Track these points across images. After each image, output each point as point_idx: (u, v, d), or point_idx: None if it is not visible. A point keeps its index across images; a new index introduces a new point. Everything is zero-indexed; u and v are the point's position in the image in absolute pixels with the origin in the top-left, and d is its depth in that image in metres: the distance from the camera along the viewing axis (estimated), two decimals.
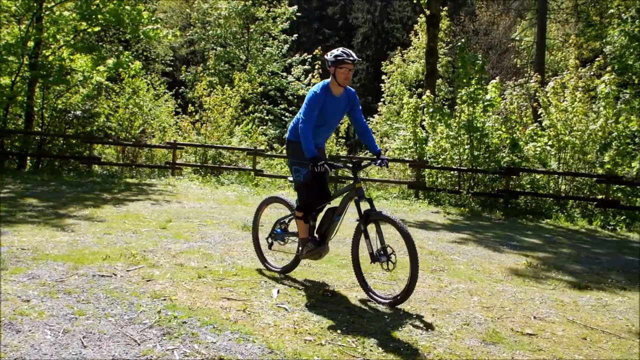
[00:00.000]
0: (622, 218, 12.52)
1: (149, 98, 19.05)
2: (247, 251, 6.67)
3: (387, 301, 4.91)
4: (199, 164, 16.86)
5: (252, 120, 19.46)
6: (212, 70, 25.07)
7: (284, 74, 27.36)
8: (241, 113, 19.09)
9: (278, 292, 5.06)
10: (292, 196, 11.63)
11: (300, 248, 5.39)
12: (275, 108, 25.91)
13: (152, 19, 16.56)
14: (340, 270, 6.07)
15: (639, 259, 8.42)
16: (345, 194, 5.31)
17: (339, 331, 4.18)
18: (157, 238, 7.11)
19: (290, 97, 26.32)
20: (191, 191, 12.78)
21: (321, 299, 4.97)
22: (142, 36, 16.65)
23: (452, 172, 14.72)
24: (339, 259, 6.62)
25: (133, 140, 17.96)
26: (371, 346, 3.95)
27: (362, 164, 5.41)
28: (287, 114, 25.55)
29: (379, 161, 5.28)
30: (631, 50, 20.67)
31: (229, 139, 17.70)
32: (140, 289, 4.87)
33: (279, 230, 5.88)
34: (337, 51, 5.12)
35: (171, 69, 33.62)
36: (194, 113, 18.55)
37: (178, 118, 20.41)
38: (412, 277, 4.74)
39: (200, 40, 29.14)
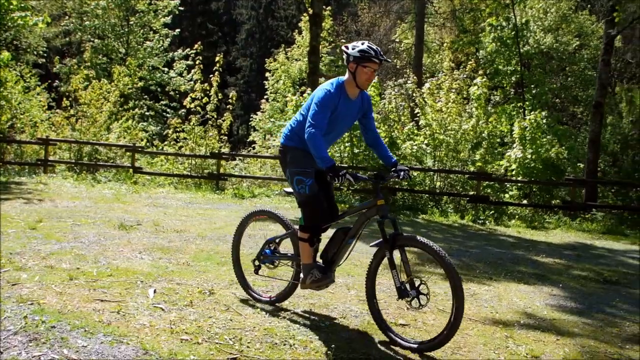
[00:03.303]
0: (491, 213, 13.32)
1: (18, 91, 17.93)
2: (122, 251, 6.46)
3: (415, 346, 4.08)
4: (73, 161, 16.10)
5: (131, 116, 18.84)
6: (89, 63, 23.97)
7: (166, 69, 26.69)
8: (120, 108, 18.45)
9: (154, 292, 4.94)
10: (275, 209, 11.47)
11: (301, 276, 4.52)
12: (157, 104, 25.24)
13: (22, 5, 15.57)
14: (220, 268, 6.03)
15: (506, 251, 8.99)
16: (361, 211, 4.43)
17: (216, 329, 4.16)
18: (25, 239, 6.72)
19: (171, 93, 25.72)
20: (65, 189, 12.19)
21: (199, 297, 4.92)
22: (10, 24, 15.63)
23: None
24: (218, 257, 6.57)
25: (0, 135, 16.85)
26: (248, 343, 3.97)
27: (386, 176, 4.46)
28: (168, 110, 24.96)
29: (401, 173, 4.41)
30: (501, 56, 22.04)
31: (106, 135, 17.06)
32: (5, 293, 4.59)
33: (268, 251, 4.96)
34: (362, 45, 4.21)
35: (44, 60, 31.79)
36: (68, 108, 17.66)
37: (51, 113, 19.35)
38: (453, 325, 3.90)
39: (77, 31, 27.77)
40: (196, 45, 19.14)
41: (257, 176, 16.51)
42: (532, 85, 22.14)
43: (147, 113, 23.70)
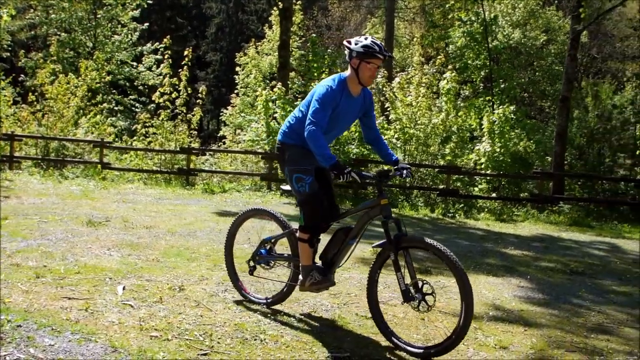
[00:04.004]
0: (460, 206, 13.46)
1: None
2: (91, 248, 6.37)
3: (420, 351, 3.96)
4: (40, 157, 15.83)
5: (100, 111, 18.58)
6: (55, 58, 23.54)
7: (134, 63, 26.33)
8: (88, 103, 18.17)
9: (124, 288, 4.89)
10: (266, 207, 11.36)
11: (300, 277, 4.40)
12: (125, 98, 24.90)
13: None
14: (190, 264, 5.99)
15: (475, 243, 9.09)
16: (363, 211, 4.28)
17: (186, 325, 4.14)
18: None
19: (140, 88, 25.40)
20: (31, 186, 11.97)
21: (169, 294, 4.88)
22: None
23: None
24: (188, 253, 6.52)
25: None
26: (219, 338, 3.96)
27: (390, 174, 4.32)
28: (137, 104, 24.65)
29: (404, 172, 4.28)
30: (470, 51, 22.24)
31: (74, 131, 16.79)
32: None
33: (263, 251, 4.80)
34: (365, 40, 4.07)
35: (9, 54, 31.13)
36: (34, 102, 17.35)
37: (17, 108, 18.97)
38: (462, 329, 3.80)
39: (42, 25, 27.24)
40: (165, 39, 18.89)
41: (228, 171, 16.45)
42: (501, 80, 22.38)
43: (115, 108, 23.33)
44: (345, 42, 4.20)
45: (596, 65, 30.31)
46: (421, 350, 3.94)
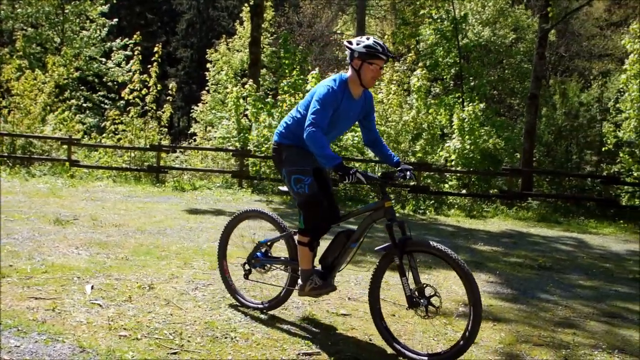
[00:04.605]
0: (431, 203, 13.55)
1: None
2: (58, 247, 6.27)
3: (425, 358, 3.82)
4: (6, 154, 15.52)
5: (68, 107, 18.28)
6: (22, 53, 23.10)
7: (103, 59, 25.98)
8: (55, 100, 17.86)
9: (92, 288, 4.82)
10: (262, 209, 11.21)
11: (299, 282, 4.26)
12: (94, 95, 24.55)
13: None
14: (160, 262, 5.94)
15: (446, 240, 9.17)
16: (366, 213, 4.16)
17: (156, 324, 4.10)
18: None
19: (110, 84, 25.06)
20: None
21: (138, 292, 4.83)
22: None
23: None
24: (158, 251, 6.46)
25: None
26: (189, 337, 3.93)
27: (395, 175, 4.17)
28: (106, 101, 24.32)
29: (407, 173, 4.15)
30: (441, 48, 22.42)
31: (41, 128, 16.50)
32: None
33: (259, 254, 4.64)
34: (367, 40, 3.94)
35: None
36: (0, 99, 17.02)
37: None
38: (470, 335, 3.69)
39: (8, 19, 26.72)
40: (135, 35, 18.66)
41: (199, 168, 16.34)
42: (471, 78, 22.62)
43: (84, 104, 23.00)
44: (346, 43, 4.08)
45: (564, 63, 30.82)
46: (426, 358, 3.81)
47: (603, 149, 18.20)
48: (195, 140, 20.76)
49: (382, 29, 31.81)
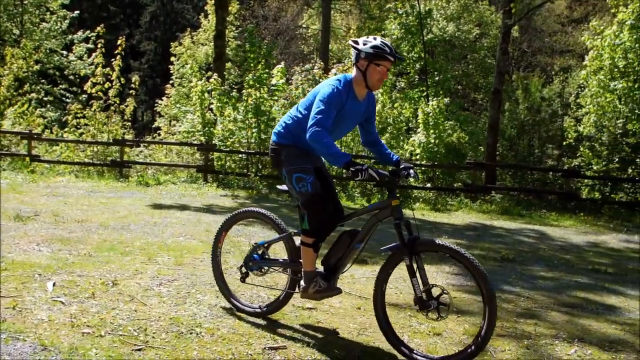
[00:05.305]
0: None
1: None
2: (19, 243, 6.14)
3: None
4: None
5: (27, 101, 17.90)
6: None
7: (65, 52, 25.48)
8: (15, 93, 17.50)
9: (54, 285, 4.74)
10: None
11: (301, 284, 4.09)
12: (55, 88, 24.07)
13: None
14: (124, 258, 5.86)
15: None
16: (372, 212, 4.03)
17: (120, 321, 4.05)
18: None
19: (71, 77, 24.60)
20: None
21: (102, 289, 4.76)
22: None
23: (240, 156, 14.95)
24: (122, 247, 6.38)
25: None
26: (154, 333, 3.90)
27: (401, 174, 3.95)
28: (68, 95, 23.87)
29: (411, 172, 3.95)
30: (406, 43, 22.56)
31: None
32: None
33: (256, 256, 4.45)
34: (374, 40, 3.79)
35: None
36: None
37: None
38: (484, 338, 3.57)
39: None
40: (97, 28, 18.34)
41: (163, 163, 16.18)
42: (435, 72, 22.82)
43: (44, 98, 22.52)
44: (351, 42, 3.91)
45: (526, 59, 31.32)
46: None
47: (564, 143, 18.59)
48: (159, 134, 20.51)
49: (348, 23, 31.89)
